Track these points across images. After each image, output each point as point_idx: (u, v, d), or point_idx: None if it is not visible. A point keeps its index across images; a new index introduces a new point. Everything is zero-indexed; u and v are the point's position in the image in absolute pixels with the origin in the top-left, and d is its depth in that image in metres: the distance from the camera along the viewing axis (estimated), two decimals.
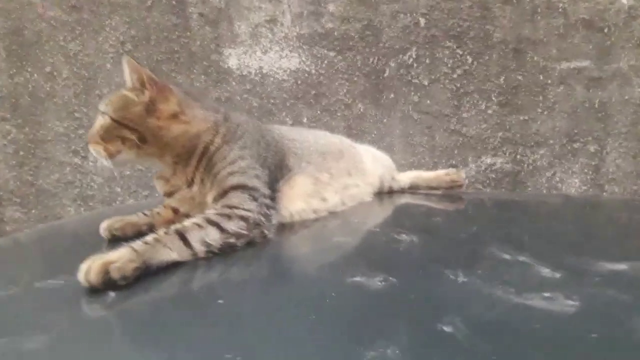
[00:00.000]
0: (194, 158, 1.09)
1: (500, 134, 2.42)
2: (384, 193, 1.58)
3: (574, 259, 0.83)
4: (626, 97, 2.36)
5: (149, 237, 0.84)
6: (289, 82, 2.45)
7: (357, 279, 0.75)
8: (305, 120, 2.46)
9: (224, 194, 1.02)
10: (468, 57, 2.38)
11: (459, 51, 2.38)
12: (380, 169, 1.59)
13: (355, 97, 2.44)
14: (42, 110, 2.51)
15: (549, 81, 2.38)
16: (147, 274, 0.78)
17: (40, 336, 0.58)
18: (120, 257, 0.76)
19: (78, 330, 0.62)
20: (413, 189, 1.63)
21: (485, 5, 2.35)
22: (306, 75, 2.44)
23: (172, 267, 0.82)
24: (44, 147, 2.54)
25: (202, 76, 2.47)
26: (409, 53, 2.39)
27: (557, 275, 0.72)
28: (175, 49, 2.46)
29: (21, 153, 2.56)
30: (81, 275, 0.73)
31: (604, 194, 2.42)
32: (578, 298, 0.62)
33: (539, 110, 2.39)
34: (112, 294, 0.71)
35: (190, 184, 1.10)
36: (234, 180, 1.04)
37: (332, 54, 2.42)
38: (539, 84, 2.38)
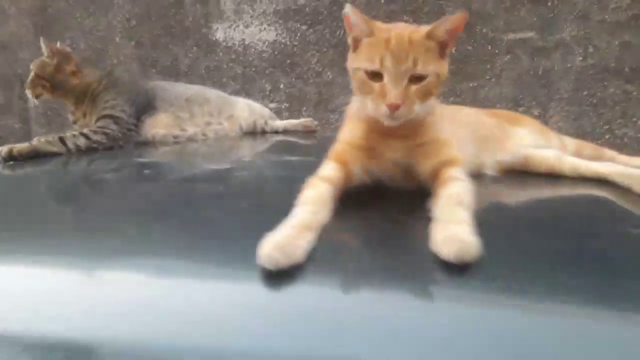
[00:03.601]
0: (87, 99, 1.75)
1: (452, 99, 2.70)
2: (258, 132, 2.05)
3: None
4: (568, 65, 2.59)
5: (42, 138, 1.48)
6: (267, 53, 2.82)
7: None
8: (282, 86, 2.83)
9: (98, 120, 1.67)
10: None
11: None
12: (252, 115, 2.06)
13: (325, 65, 2.78)
14: None
15: (497, 51, 2.63)
16: (38, 157, 1.41)
17: None
18: (21, 145, 1.43)
19: None
20: (288, 132, 2.08)
21: None
22: (282, 46, 2.80)
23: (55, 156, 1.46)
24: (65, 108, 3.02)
25: (194, 47, 2.87)
26: None
27: None
28: (172, 24, 2.86)
29: (49, 113, 3.06)
30: None
31: None
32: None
33: (487, 77, 2.66)
34: (12, 163, 1.37)
35: (84, 116, 1.76)
36: (106, 112, 1.69)
37: (304, 27, 2.76)
38: (488, 54, 2.64)
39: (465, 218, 0.69)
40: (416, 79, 0.82)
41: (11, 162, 1.39)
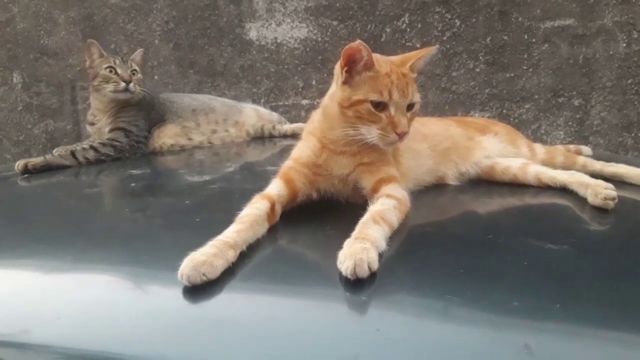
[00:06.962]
0: (115, 108, 1.87)
1: (487, 90, 2.65)
2: (265, 137, 2.13)
3: None
4: (611, 53, 2.47)
5: (55, 152, 1.61)
6: (299, 50, 2.85)
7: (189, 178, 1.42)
8: (314, 82, 2.86)
9: (111, 130, 1.79)
10: (456, 20, 2.62)
11: (448, 15, 2.62)
12: (260, 121, 2.15)
13: None
14: None
15: (534, 40, 2.55)
16: (50, 170, 1.55)
17: None
18: (35, 159, 1.52)
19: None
20: (296, 135, 2.09)
21: None
22: (314, 42, 2.83)
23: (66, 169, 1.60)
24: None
25: (229, 47, 2.94)
26: (402, 19, 2.68)
27: None
28: (207, 25, 2.95)
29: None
30: (15, 166, 1.50)
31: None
32: None
33: (524, 67, 2.58)
34: (29, 176, 1.50)
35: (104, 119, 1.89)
36: (120, 124, 1.80)
37: (335, 23, 2.77)
38: (524, 43, 2.56)
39: (373, 236, 0.73)
40: (408, 107, 0.94)
41: (26, 175, 1.52)
